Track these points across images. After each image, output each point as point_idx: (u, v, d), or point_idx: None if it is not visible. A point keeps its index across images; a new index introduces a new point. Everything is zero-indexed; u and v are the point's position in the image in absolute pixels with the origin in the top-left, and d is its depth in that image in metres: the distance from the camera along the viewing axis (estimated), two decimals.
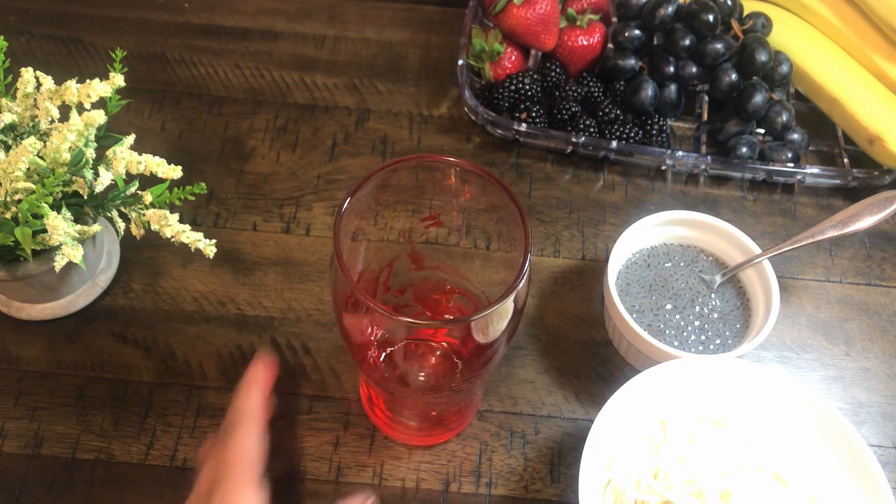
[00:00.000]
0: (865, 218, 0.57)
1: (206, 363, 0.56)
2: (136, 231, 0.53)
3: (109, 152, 0.51)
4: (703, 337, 0.56)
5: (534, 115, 0.67)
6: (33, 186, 0.47)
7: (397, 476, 0.52)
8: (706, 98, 0.71)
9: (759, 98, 0.66)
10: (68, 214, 0.48)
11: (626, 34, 0.69)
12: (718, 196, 0.67)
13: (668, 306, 0.57)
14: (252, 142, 0.68)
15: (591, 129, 0.67)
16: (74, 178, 0.50)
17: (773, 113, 0.67)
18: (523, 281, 0.38)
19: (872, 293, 0.63)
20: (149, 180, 0.53)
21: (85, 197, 0.51)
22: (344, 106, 0.71)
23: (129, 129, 0.58)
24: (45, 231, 0.48)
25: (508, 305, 0.39)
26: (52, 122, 0.52)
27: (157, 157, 0.51)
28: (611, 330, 0.58)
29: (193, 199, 0.52)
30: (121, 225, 0.54)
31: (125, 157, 0.50)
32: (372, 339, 0.47)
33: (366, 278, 0.48)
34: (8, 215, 0.48)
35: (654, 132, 0.67)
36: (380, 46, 0.76)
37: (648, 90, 0.68)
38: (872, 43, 0.70)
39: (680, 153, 0.66)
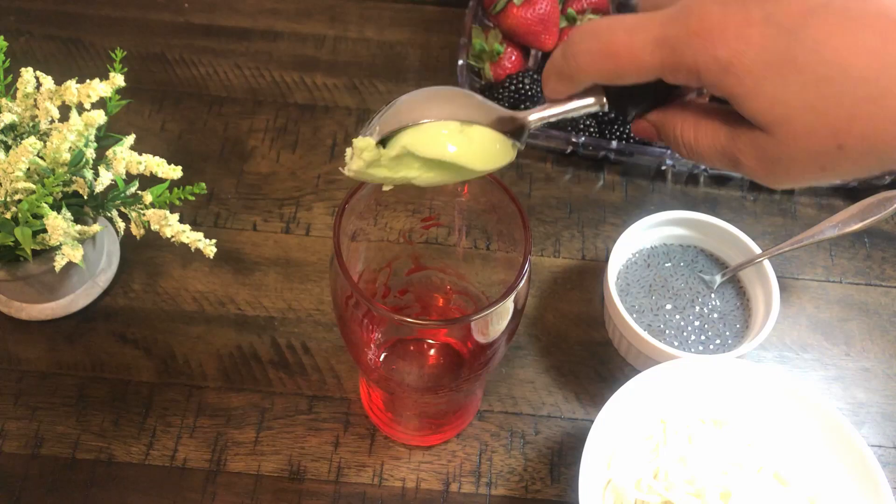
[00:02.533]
0: (865, 218, 0.57)
1: (206, 363, 0.56)
2: (136, 231, 0.53)
3: (109, 152, 0.51)
4: (703, 337, 0.56)
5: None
6: (33, 186, 0.47)
7: (397, 476, 0.52)
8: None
9: None
10: (68, 214, 0.48)
11: None
12: (718, 196, 0.67)
13: (668, 306, 0.57)
14: (252, 142, 0.68)
15: (591, 129, 0.67)
16: (74, 178, 0.50)
17: None
18: (523, 281, 0.38)
19: (872, 293, 0.63)
20: (149, 180, 0.53)
21: (85, 197, 0.51)
22: (344, 106, 0.71)
23: (129, 129, 0.58)
24: (45, 231, 0.48)
25: (508, 305, 0.39)
26: (52, 122, 0.52)
27: (157, 157, 0.51)
28: (611, 330, 0.58)
29: (193, 199, 0.52)
30: (121, 225, 0.54)
31: (125, 157, 0.50)
32: (372, 339, 0.47)
33: (366, 278, 0.48)
34: (8, 215, 0.48)
35: None
36: (380, 46, 0.76)
37: None
38: None
39: None
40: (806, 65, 0.25)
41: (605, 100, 0.32)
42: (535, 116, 0.34)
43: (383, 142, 0.33)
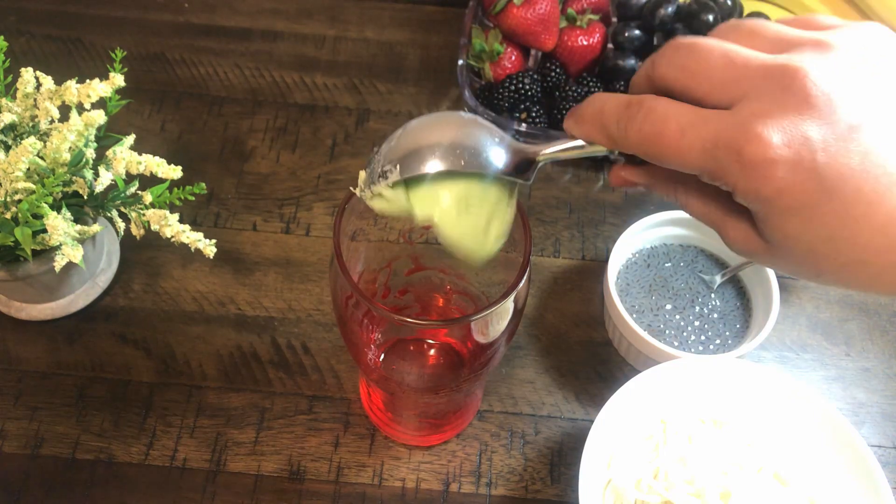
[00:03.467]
0: None
1: (206, 363, 0.56)
2: (136, 231, 0.53)
3: (109, 152, 0.51)
4: (703, 337, 0.56)
5: (534, 115, 0.67)
6: (33, 186, 0.47)
7: (397, 476, 0.52)
8: None
9: None
10: (68, 214, 0.48)
11: (626, 34, 0.69)
12: None
13: (668, 306, 0.57)
14: (252, 142, 0.68)
15: None
16: (74, 178, 0.50)
17: None
18: (523, 281, 0.38)
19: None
20: (149, 180, 0.53)
21: (85, 197, 0.51)
22: (344, 106, 0.71)
23: (129, 129, 0.58)
24: (45, 231, 0.48)
25: (508, 305, 0.39)
26: (52, 122, 0.52)
27: (157, 158, 0.51)
28: (611, 330, 0.58)
29: (193, 199, 0.52)
30: (121, 225, 0.54)
31: (125, 157, 0.50)
32: (372, 339, 0.47)
33: (366, 278, 0.48)
34: (8, 215, 0.48)
35: None
36: (380, 46, 0.76)
37: None
38: None
39: None
40: (828, 223, 0.28)
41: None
42: (546, 152, 0.35)
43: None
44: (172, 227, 0.51)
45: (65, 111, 0.50)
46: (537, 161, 0.35)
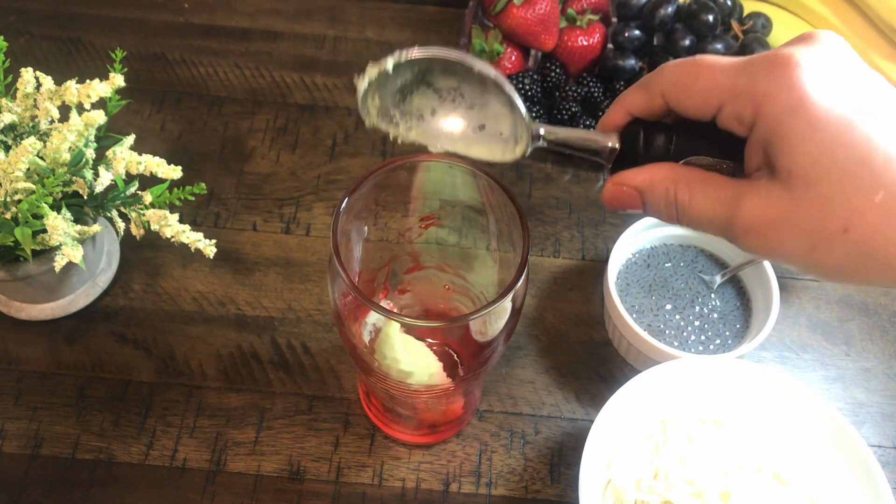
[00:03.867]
0: None
1: (206, 363, 0.56)
2: (136, 231, 0.53)
3: (109, 152, 0.51)
4: (703, 337, 0.56)
5: (533, 115, 0.67)
6: (33, 186, 0.47)
7: (397, 476, 0.52)
8: None
9: None
10: (68, 214, 0.48)
11: (626, 34, 0.69)
12: None
13: (668, 306, 0.57)
14: (252, 142, 0.68)
15: (591, 130, 0.67)
16: (74, 178, 0.50)
17: None
18: (521, 281, 0.38)
19: (872, 293, 0.63)
20: (149, 180, 0.53)
21: (85, 197, 0.51)
22: (344, 106, 0.71)
23: (129, 129, 0.58)
24: (45, 231, 0.48)
25: (506, 305, 0.39)
26: (52, 122, 0.52)
27: (156, 158, 0.51)
28: (611, 330, 0.58)
29: (193, 199, 0.52)
30: (121, 225, 0.54)
31: (125, 157, 0.50)
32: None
33: (364, 278, 0.48)
34: (8, 215, 0.48)
35: None
36: (380, 46, 0.76)
37: None
38: (872, 43, 0.69)
39: None
40: (862, 142, 0.26)
41: (617, 145, 0.34)
42: (547, 130, 0.35)
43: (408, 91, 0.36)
44: (172, 227, 0.51)
45: (65, 111, 0.50)
46: (542, 136, 0.35)
